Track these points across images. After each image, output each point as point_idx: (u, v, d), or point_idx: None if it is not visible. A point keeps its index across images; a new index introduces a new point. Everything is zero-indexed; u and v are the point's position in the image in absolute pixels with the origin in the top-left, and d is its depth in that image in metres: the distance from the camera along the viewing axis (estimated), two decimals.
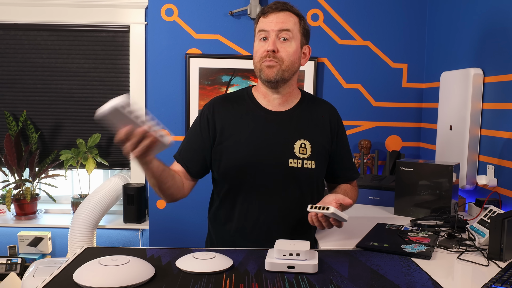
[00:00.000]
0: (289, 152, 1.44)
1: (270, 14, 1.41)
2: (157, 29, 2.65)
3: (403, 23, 2.67)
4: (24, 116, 2.86)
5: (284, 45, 1.40)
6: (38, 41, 2.87)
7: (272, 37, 1.39)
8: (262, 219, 1.45)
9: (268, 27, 1.40)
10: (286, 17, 1.41)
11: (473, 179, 2.05)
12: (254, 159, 1.43)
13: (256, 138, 1.44)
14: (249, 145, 1.43)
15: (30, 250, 2.76)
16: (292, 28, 1.41)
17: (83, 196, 2.88)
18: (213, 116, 1.47)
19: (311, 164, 1.44)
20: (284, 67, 1.40)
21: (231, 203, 1.48)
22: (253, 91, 1.53)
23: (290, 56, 1.41)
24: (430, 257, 1.31)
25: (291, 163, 1.43)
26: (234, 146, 1.44)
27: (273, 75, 1.40)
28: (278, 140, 1.44)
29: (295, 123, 1.47)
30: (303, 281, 1.12)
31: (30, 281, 2.21)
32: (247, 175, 1.43)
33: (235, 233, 1.48)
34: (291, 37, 1.41)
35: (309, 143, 1.45)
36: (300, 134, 1.46)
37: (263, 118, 1.47)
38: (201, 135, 1.47)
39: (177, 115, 2.69)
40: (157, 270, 1.15)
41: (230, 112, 1.48)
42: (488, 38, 2.02)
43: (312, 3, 2.64)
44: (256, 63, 1.43)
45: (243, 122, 1.46)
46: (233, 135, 1.45)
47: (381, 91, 2.71)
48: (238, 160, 1.44)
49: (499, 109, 1.93)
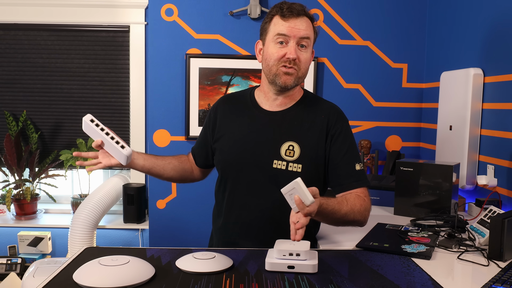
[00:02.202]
0: (275, 153, 1.41)
1: (290, 18, 1.37)
2: (157, 29, 2.65)
3: (403, 23, 2.67)
4: (24, 116, 2.86)
5: (302, 52, 1.39)
6: (38, 41, 2.87)
7: (293, 44, 1.37)
8: (243, 217, 1.46)
9: (290, 32, 1.36)
10: (306, 23, 1.39)
11: (473, 179, 2.05)
12: (239, 157, 1.45)
13: (244, 137, 1.46)
14: (236, 143, 1.46)
15: (30, 250, 2.76)
16: (310, 36, 1.40)
17: (83, 196, 2.88)
18: (215, 114, 1.54)
19: (297, 168, 1.39)
20: (300, 74, 1.41)
21: (221, 200, 1.53)
22: (256, 91, 1.54)
23: (307, 63, 1.41)
24: (430, 257, 1.31)
25: (275, 164, 1.41)
26: (224, 144, 1.49)
27: (291, 83, 1.40)
28: (265, 140, 1.43)
29: (287, 124, 1.45)
30: (303, 281, 1.12)
31: (30, 281, 2.21)
32: (233, 173, 1.47)
33: (219, 229, 1.52)
34: (309, 44, 1.40)
35: (298, 145, 1.41)
36: (289, 136, 1.42)
37: (255, 117, 1.48)
38: (205, 131, 1.59)
39: (177, 115, 2.69)
40: (157, 270, 1.15)
41: (228, 111, 1.53)
42: (488, 38, 2.02)
43: (312, 3, 2.64)
44: (271, 66, 1.40)
45: (237, 121, 1.50)
46: (226, 134, 1.50)
47: (381, 91, 2.71)
48: (226, 157, 1.48)
49: (499, 109, 1.93)
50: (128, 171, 3.01)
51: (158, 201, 2.74)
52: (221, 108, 1.55)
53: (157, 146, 2.70)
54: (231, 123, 1.50)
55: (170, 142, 2.71)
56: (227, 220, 1.49)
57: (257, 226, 1.45)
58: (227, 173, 1.49)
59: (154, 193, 2.74)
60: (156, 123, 2.70)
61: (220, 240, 1.52)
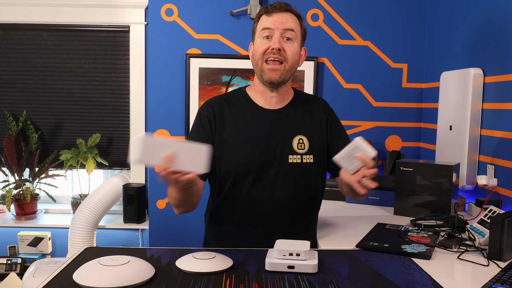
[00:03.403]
0: (288, 149, 1.45)
1: (274, 13, 1.41)
2: (157, 29, 2.65)
3: (403, 23, 2.67)
4: (24, 116, 2.86)
5: (288, 44, 1.42)
6: (38, 41, 2.87)
7: (277, 36, 1.40)
8: (264, 217, 1.45)
9: (273, 25, 1.40)
10: (289, 17, 1.43)
11: (473, 179, 2.05)
12: (254, 157, 1.43)
13: (255, 137, 1.45)
14: (249, 144, 1.44)
15: (30, 250, 2.76)
16: (295, 29, 1.43)
17: (83, 196, 2.88)
18: (214, 116, 1.47)
19: (309, 159, 1.46)
20: (288, 67, 1.42)
21: (233, 202, 1.47)
22: (248, 90, 1.53)
23: (294, 56, 1.43)
24: (430, 257, 1.31)
25: (291, 159, 1.45)
26: (234, 146, 1.44)
27: (277, 77, 1.41)
28: (277, 138, 1.45)
29: (292, 119, 1.49)
30: (303, 281, 1.12)
31: (30, 281, 2.21)
32: (248, 173, 1.43)
33: (237, 233, 1.48)
34: (294, 37, 1.42)
35: (306, 138, 1.48)
36: (297, 130, 1.48)
37: (260, 116, 1.48)
38: (205, 136, 1.45)
39: (177, 115, 2.69)
40: (157, 270, 1.16)
41: (227, 113, 1.48)
42: (488, 38, 2.02)
43: (312, 3, 2.64)
44: (257, 60, 1.42)
45: (241, 122, 1.47)
46: (232, 136, 1.45)
47: (381, 91, 2.71)
48: (239, 159, 1.44)
49: (499, 109, 1.93)
50: (128, 171, 3.02)
51: (158, 201, 2.74)
52: (217, 110, 1.48)
53: None
54: (236, 125, 1.46)
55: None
56: (244, 223, 1.46)
57: (276, 223, 1.46)
58: (241, 175, 1.44)
59: (154, 193, 2.74)
60: (156, 123, 2.70)
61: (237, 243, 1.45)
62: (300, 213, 1.49)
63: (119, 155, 2.98)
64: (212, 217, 1.55)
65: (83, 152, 2.85)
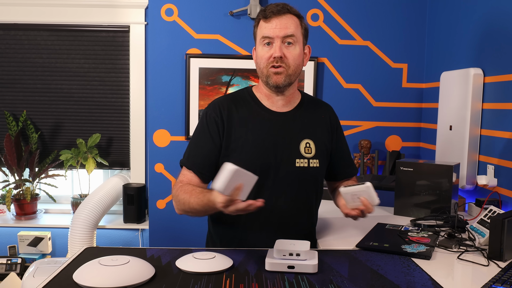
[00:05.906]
0: (296, 152, 1.46)
1: (272, 18, 1.40)
2: (157, 29, 2.65)
3: (403, 23, 2.67)
4: (24, 116, 2.86)
5: (289, 49, 1.41)
6: (38, 41, 2.87)
7: (278, 43, 1.39)
8: (271, 219, 1.45)
9: (272, 33, 1.39)
10: (288, 21, 1.40)
11: (473, 179, 2.05)
12: (261, 160, 1.43)
13: (263, 139, 1.44)
14: (257, 147, 1.43)
15: (30, 250, 2.76)
16: (296, 32, 1.41)
17: (83, 196, 2.88)
18: (221, 118, 1.45)
19: (316, 163, 1.47)
20: (290, 72, 1.42)
21: None
22: (255, 91, 1.52)
23: (296, 60, 1.42)
24: (430, 257, 1.31)
25: (298, 163, 1.45)
26: (242, 148, 1.43)
27: (282, 82, 1.41)
28: (285, 141, 1.45)
29: (299, 123, 1.49)
30: (303, 281, 1.12)
31: (30, 281, 2.21)
32: None
33: (242, 234, 1.48)
34: (295, 41, 1.42)
35: (313, 142, 1.48)
36: (305, 133, 1.48)
37: (268, 119, 1.47)
38: (211, 139, 1.44)
39: (177, 115, 2.69)
40: (157, 270, 1.16)
41: (235, 114, 1.46)
42: (488, 38, 2.02)
43: (312, 3, 2.64)
44: (262, 68, 1.43)
45: (250, 124, 1.45)
46: (241, 138, 1.44)
47: (381, 91, 2.71)
48: (246, 162, 1.39)
49: (499, 109, 1.93)
50: (128, 171, 3.02)
51: (158, 201, 2.74)
52: (225, 111, 1.46)
53: (157, 146, 2.71)
54: (243, 127, 1.45)
55: (170, 142, 2.71)
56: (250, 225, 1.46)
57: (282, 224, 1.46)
58: None
59: (154, 193, 2.74)
60: (156, 123, 2.70)
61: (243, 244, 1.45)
62: (304, 215, 1.50)
63: (119, 155, 2.98)
64: (218, 218, 1.54)
65: (83, 152, 2.85)
